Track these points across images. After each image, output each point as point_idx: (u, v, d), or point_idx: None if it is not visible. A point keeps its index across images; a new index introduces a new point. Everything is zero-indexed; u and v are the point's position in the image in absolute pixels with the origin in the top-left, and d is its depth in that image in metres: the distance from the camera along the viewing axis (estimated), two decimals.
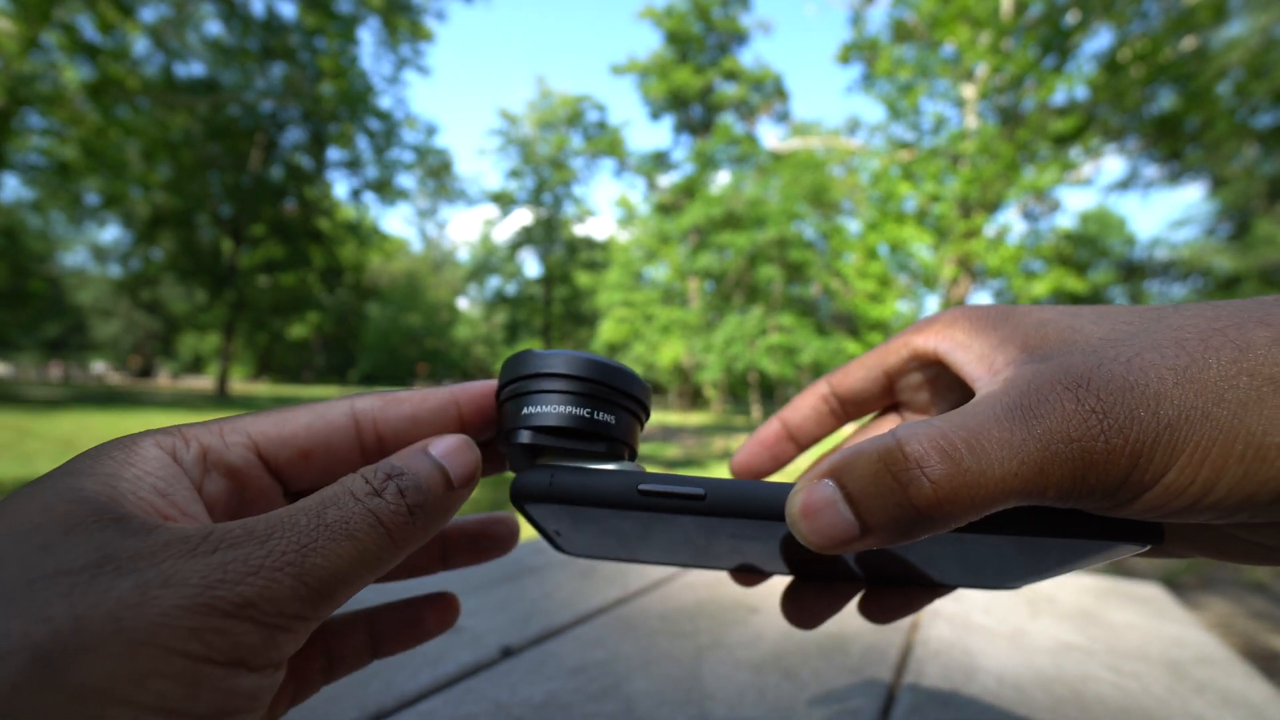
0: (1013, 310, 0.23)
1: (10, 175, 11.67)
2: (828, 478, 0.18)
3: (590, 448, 0.22)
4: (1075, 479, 0.17)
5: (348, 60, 16.66)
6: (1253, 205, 13.50)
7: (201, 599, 0.15)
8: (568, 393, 0.22)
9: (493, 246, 27.74)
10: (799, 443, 0.30)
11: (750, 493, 0.20)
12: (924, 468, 0.17)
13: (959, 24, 10.41)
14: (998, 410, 0.18)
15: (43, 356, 31.14)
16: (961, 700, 0.51)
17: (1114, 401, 0.17)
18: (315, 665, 0.25)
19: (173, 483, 0.19)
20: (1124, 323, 0.20)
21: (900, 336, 0.27)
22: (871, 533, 0.17)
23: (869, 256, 12.90)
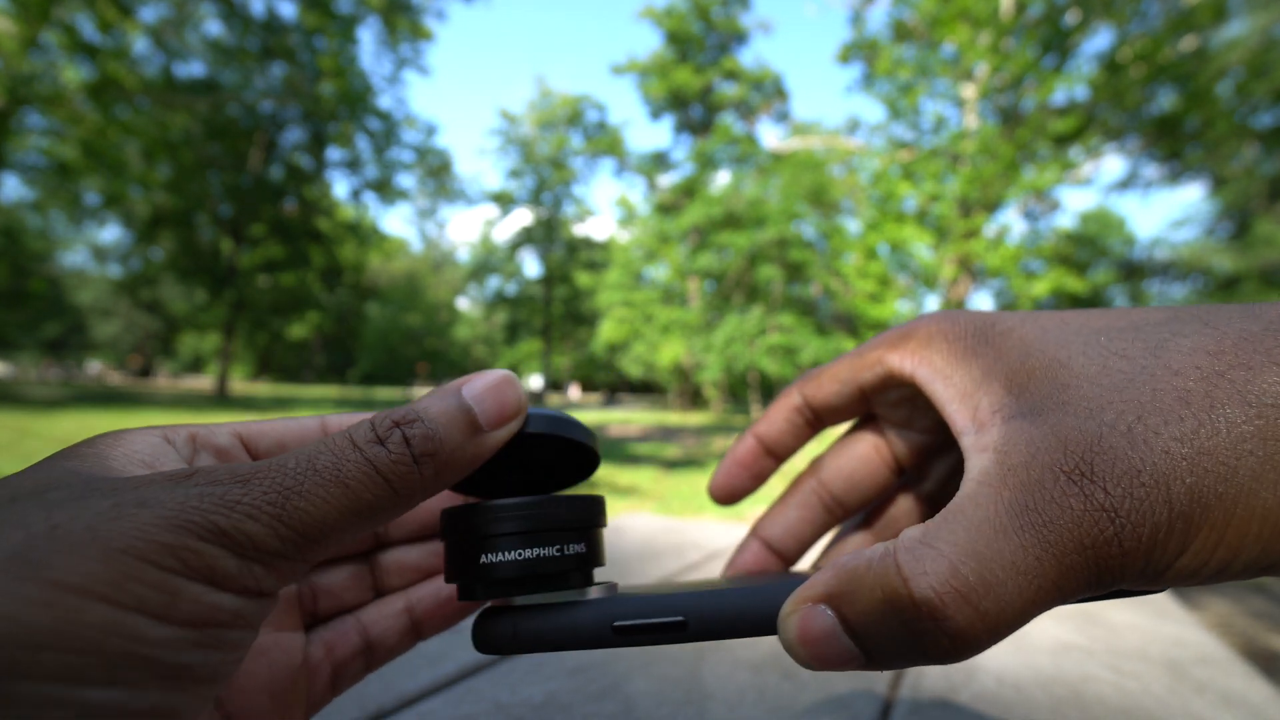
0: (993, 327, 0.22)
1: (10, 175, 11.67)
2: (824, 604, 0.17)
3: (551, 585, 0.21)
4: (1090, 584, 0.16)
5: (348, 60, 16.66)
6: (1253, 205, 13.50)
7: (176, 519, 0.15)
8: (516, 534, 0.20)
9: (493, 246, 27.73)
10: (777, 456, 0.29)
11: (735, 612, 0.19)
12: (939, 620, 0.15)
13: (959, 24, 10.41)
14: (1001, 517, 0.16)
15: (42, 356, 31.14)
16: (961, 701, 0.51)
17: (1122, 494, 0.16)
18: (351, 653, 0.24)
19: (160, 457, 0.19)
20: (1117, 355, 0.18)
21: (874, 349, 0.26)
22: (876, 662, 0.17)
23: (869, 256, 12.90)
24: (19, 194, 13.10)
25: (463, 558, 0.21)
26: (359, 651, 0.25)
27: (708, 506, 4.10)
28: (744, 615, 0.19)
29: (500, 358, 31.87)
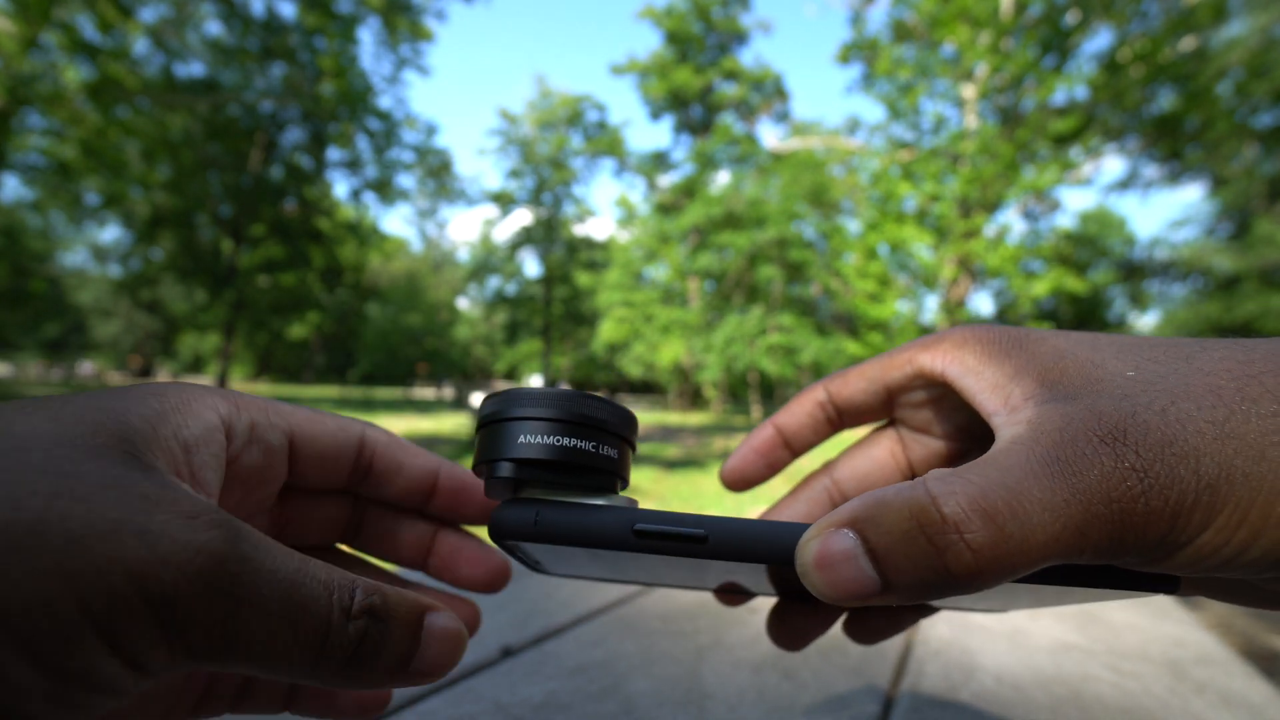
0: (1026, 336, 0.22)
1: (10, 175, 11.67)
2: (848, 528, 0.17)
3: (579, 481, 0.21)
4: (1113, 540, 0.16)
5: (348, 60, 16.64)
6: (1253, 205, 13.50)
7: (150, 569, 0.14)
8: (556, 420, 0.20)
9: (493, 246, 27.72)
10: (794, 449, 0.29)
11: (756, 534, 0.19)
12: (964, 533, 0.16)
13: (959, 24, 10.41)
14: (1033, 463, 0.17)
15: (38, 357, 31.14)
16: (961, 700, 0.51)
17: (1153, 458, 0.16)
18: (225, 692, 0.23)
19: (203, 446, 0.19)
20: (1149, 360, 0.19)
21: (905, 351, 0.26)
22: (894, 590, 0.16)
23: (869, 256, 12.90)
24: (19, 194, 13.10)
25: (499, 437, 0.21)
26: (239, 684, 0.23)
27: (708, 506, 4.10)
28: (765, 539, 0.19)
29: (500, 358, 31.86)
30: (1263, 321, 13.70)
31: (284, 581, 0.16)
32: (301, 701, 0.24)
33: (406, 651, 0.18)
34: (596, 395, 0.21)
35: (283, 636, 0.16)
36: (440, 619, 0.19)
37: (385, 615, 0.18)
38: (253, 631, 0.16)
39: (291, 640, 0.16)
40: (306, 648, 0.16)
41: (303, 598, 0.16)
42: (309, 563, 0.17)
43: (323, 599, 0.17)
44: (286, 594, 0.16)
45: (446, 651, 0.19)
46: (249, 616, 0.15)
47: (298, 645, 0.16)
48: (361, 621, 0.17)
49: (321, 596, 0.17)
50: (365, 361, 35.72)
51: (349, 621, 0.17)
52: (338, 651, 0.17)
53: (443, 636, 0.19)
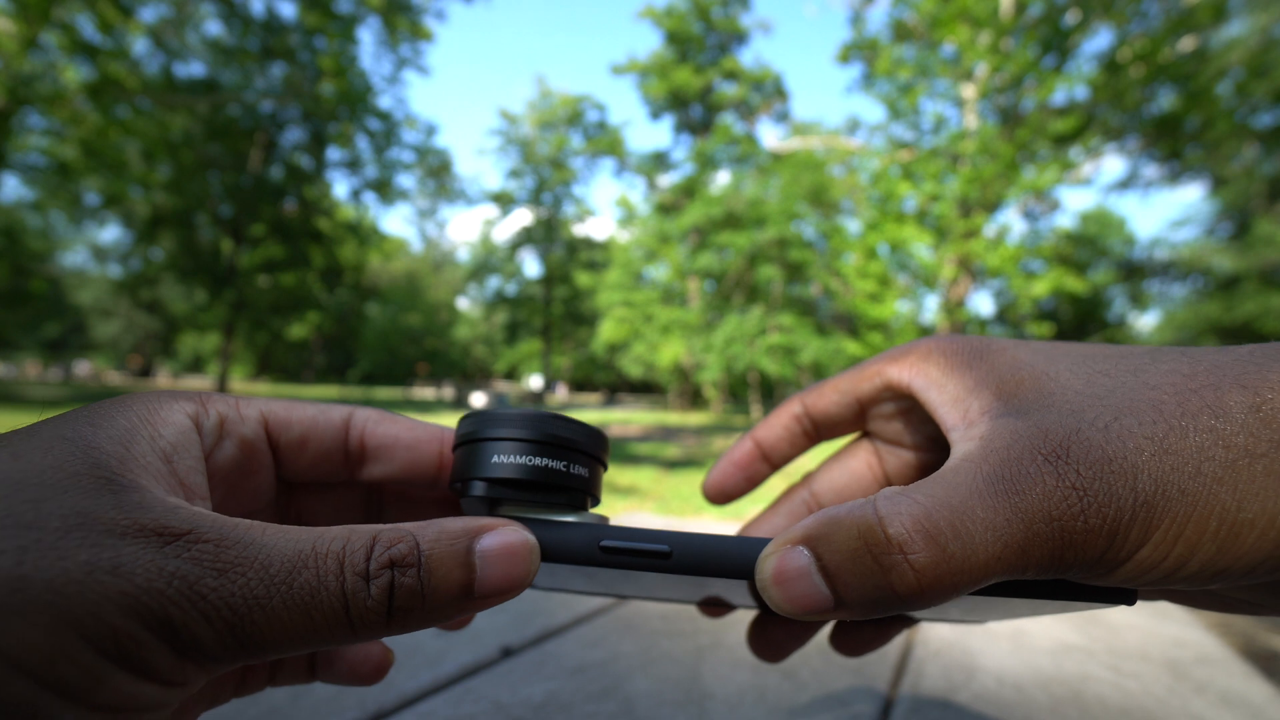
0: (988, 348, 0.23)
1: (10, 175, 11.66)
2: (803, 545, 0.17)
3: (550, 499, 0.22)
4: (1054, 557, 0.17)
5: (348, 60, 16.64)
6: (1253, 205, 13.50)
7: (135, 600, 0.14)
8: (528, 441, 0.21)
9: (493, 246, 27.72)
10: (772, 462, 0.29)
11: (718, 550, 0.19)
12: (907, 553, 0.16)
13: (959, 24, 10.41)
14: (978, 483, 0.17)
15: (39, 356, 31.14)
16: (961, 700, 0.51)
17: (1093, 476, 0.16)
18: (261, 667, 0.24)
19: (182, 451, 0.19)
20: (1100, 373, 0.20)
21: (874, 364, 0.26)
22: (846, 606, 0.17)
23: (869, 256, 12.90)
24: (19, 194, 13.10)
25: (474, 457, 0.21)
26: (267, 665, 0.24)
27: (707, 507, 4.10)
28: (727, 555, 0.19)
29: (500, 358, 31.86)
30: (1263, 321, 13.70)
31: (279, 574, 0.16)
32: (324, 669, 0.24)
33: (460, 582, 0.18)
34: (567, 416, 0.22)
35: (299, 623, 0.16)
36: (494, 538, 0.18)
37: (415, 559, 0.17)
38: (265, 629, 0.16)
39: (310, 624, 0.16)
40: (332, 625, 0.16)
41: (305, 582, 0.16)
42: (307, 539, 0.17)
43: (329, 572, 0.16)
44: (286, 584, 0.16)
45: (509, 568, 0.18)
46: (251, 617, 0.15)
47: (321, 626, 0.16)
48: (385, 576, 0.17)
49: (328, 570, 0.16)
50: (365, 361, 35.70)
51: (369, 582, 0.17)
52: (369, 615, 0.17)
53: (500, 555, 0.18)
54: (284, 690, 0.47)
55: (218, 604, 0.15)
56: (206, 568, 0.15)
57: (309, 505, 0.26)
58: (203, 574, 0.15)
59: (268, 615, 0.16)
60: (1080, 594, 0.19)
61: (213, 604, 0.15)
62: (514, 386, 33.84)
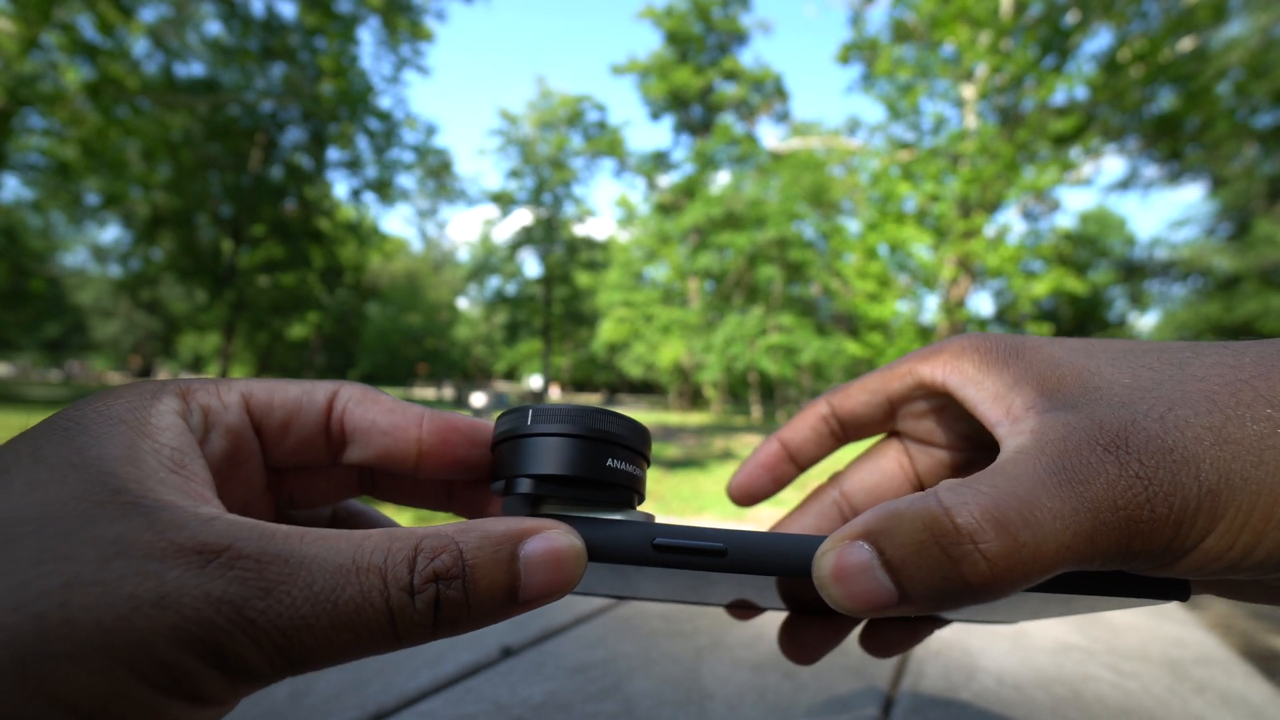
0: (1023, 344, 0.23)
1: (10, 175, 11.67)
2: (863, 540, 0.17)
3: (597, 497, 0.21)
4: (1121, 547, 0.16)
5: (348, 60, 16.64)
6: (1253, 205, 13.50)
7: (184, 631, 0.14)
8: (575, 437, 0.21)
9: (493, 246, 27.70)
10: (799, 463, 0.29)
11: (774, 548, 0.19)
12: (979, 543, 0.16)
13: (959, 24, 10.41)
14: (1040, 473, 0.17)
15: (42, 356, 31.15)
16: (961, 700, 0.51)
17: (1156, 465, 0.16)
18: None
19: (187, 455, 0.19)
20: (1144, 367, 0.19)
21: (905, 362, 0.26)
22: (911, 601, 0.17)
23: (869, 256, 12.90)
24: (19, 194, 13.10)
25: (517, 454, 0.21)
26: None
27: (708, 506, 4.10)
28: (782, 553, 0.19)
29: (500, 358, 31.86)
30: (1263, 321, 13.70)
31: (323, 592, 0.16)
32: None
33: (505, 587, 0.17)
34: (613, 410, 0.21)
35: (345, 640, 0.16)
36: (538, 543, 0.18)
37: (459, 570, 0.17)
38: (313, 648, 0.16)
39: (356, 639, 0.16)
40: (378, 638, 0.16)
41: (350, 598, 0.16)
42: (348, 551, 0.16)
43: (373, 589, 0.16)
44: (331, 602, 0.16)
45: (553, 574, 0.18)
46: (299, 638, 0.15)
47: (366, 640, 0.16)
48: (430, 590, 0.17)
49: (371, 586, 0.16)
50: (365, 361, 35.70)
51: (414, 597, 0.16)
52: (415, 628, 0.17)
53: (546, 560, 0.18)
54: (284, 690, 0.47)
55: (267, 628, 0.15)
56: (252, 588, 0.15)
57: (300, 487, 0.25)
58: (249, 595, 0.15)
59: (315, 635, 0.15)
60: (1138, 588, 0.19)
61: (262, 628, 0.15)
62: (514, 386, 33.83)
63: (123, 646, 0.14)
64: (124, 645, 0.14)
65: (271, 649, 0.15)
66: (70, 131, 11.35)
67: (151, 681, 0.14)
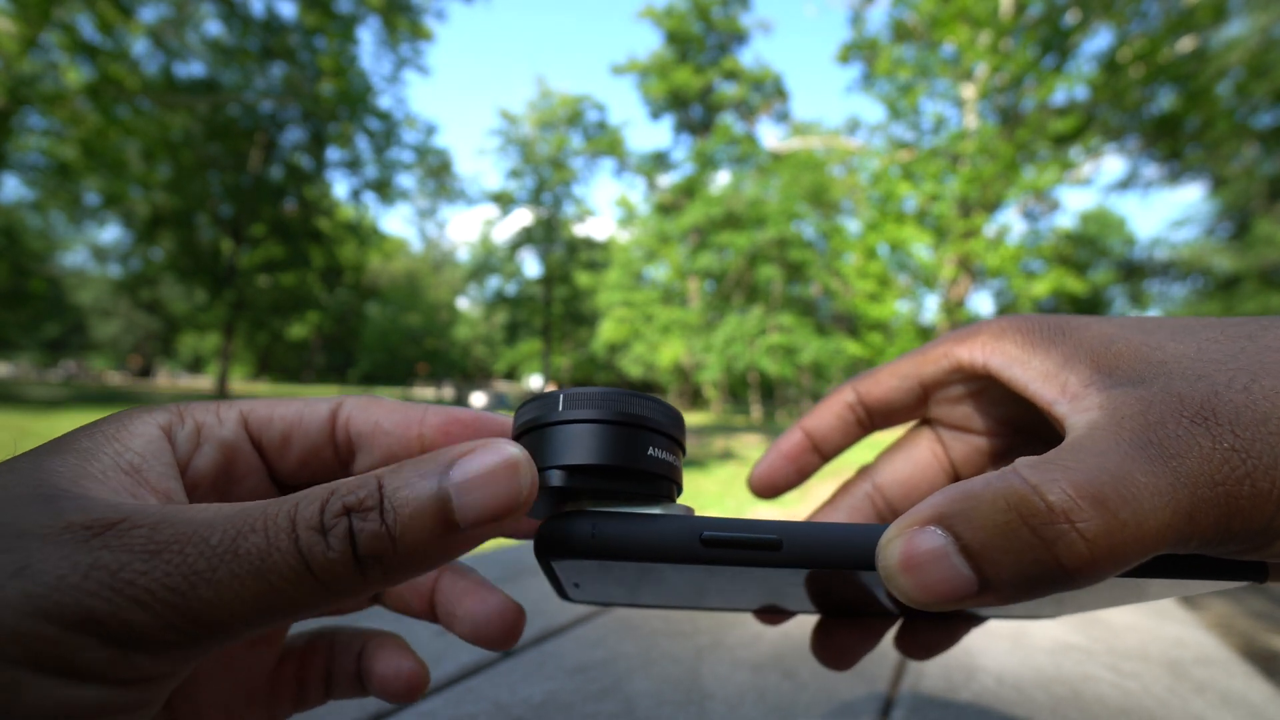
0: (1067, 323, 0.21)
1: (10, 175, 11.67)
2: (935, 525, 0.16)
3: (634, 489, 0.19)
4: (1221, 526, 0.15)
5: (348, 60, 16.65)
6: (1253, 205, 13.50)
7: (43, 601, 0.13)
8: (610, 424, 0.19)
9: (493, 246, 27.72)
10: (823, 453, 0.28)
11: (832, 538, 0.18)
12: (1075, 522, 0.15)
13: (959, 24, 10.42)
14: (1126, 448, 0.16)
15: (42, 356, 31.16)
16: (961, 700, 0.51)
17: (1251, 438, 0.15)
18: (317, 678, 0.23)
19: (151, 459, 0.18)
20: (1210, 340, 0.18)
21: (939, 345, 0.25)
22: (994, 589, 0.15)
23: (869, 256, 12.90)
24: (19, 194, 13.10)
25: (545, 444, 0.19)
26: (322, 677, 0.23)
27: (708, 506, 4.10)
28: (842, 543, 0.18)
29: (500, 358, 31.87)
30: None
31: (221, 544, 0.15)
32: (367, 679, 0.23)
33: (434, 512, 0.16)
34: (647, 394, 0.19)
35: (254, 589, 0.15)
36: (471, 462, 0.16)
37: (375, 503, 0.16)
38: (216, 602, 0.14)
39: (269, 588, 0.15)
40: (297, 585, 0.15)
41: (252, 546, 0.15)
42: (257, 507, 0.16)
43: (280, 531, 0.15)
44: (230, 552, 0.15)
45: (493, 488, 0.16)
46: (195, 593, 0.14)
47: (283, 589, 0.15)
48: (342, 525, 0.15)
49: (278, 530, 0.15)
50: (365, 361, 35.74)
51: (325, 535, 0.15)
52: (336, 568, 0.15)
53: (480, 476, 0.16)
54: None
55: (150, 587, 0.14)
56: (136, 553, 0.14)
57: None
58: (130, 559, 0.14)
59: (215, 587, 0.14)
60: (1218, 570, 0.18)
61: (144, 588, 0.14)
62: (514, 386, 33.85)
63: None
64: None
65: (160, 608, 0.14)
66: (70, 131, 11.36)
67: (7, 656, 0.13)
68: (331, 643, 0.23)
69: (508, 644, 0.22)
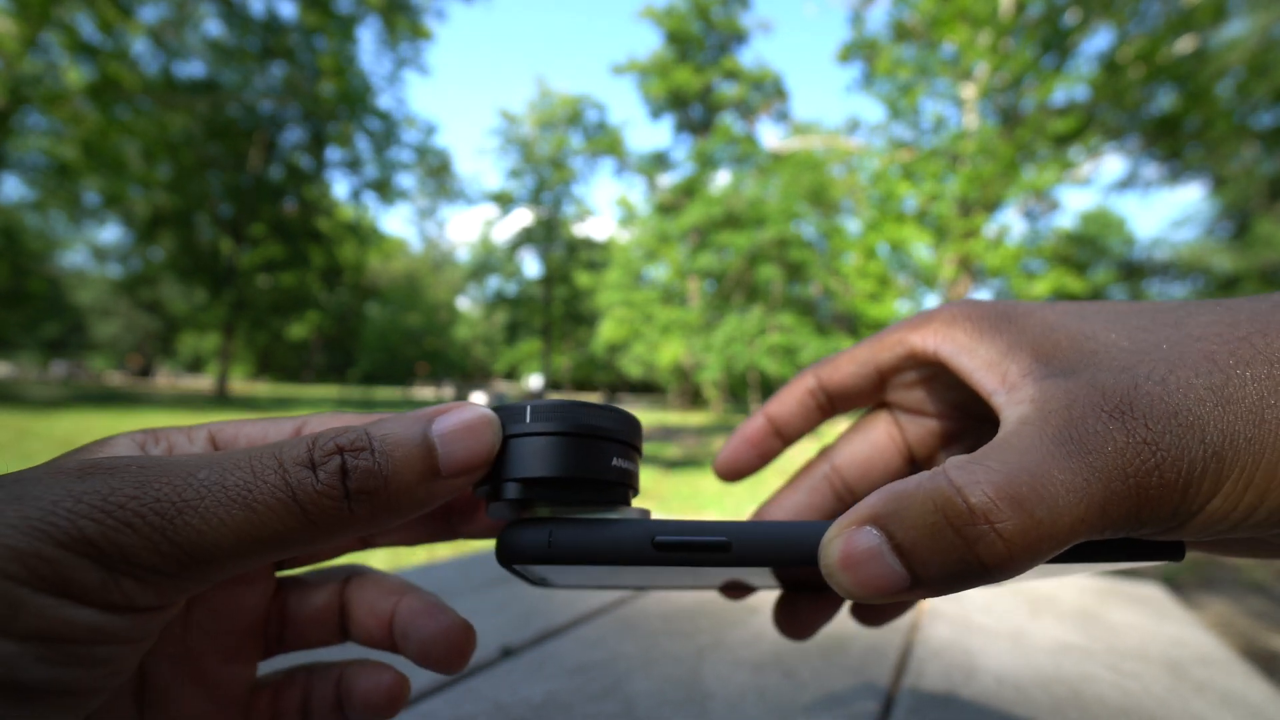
0: (1014, 309, 0.22)
1: (10, 175, 11.67)
2: (870, 525, 0.16)
3: (590, 496, 0.20)
4: (1131, 515, 0.16)
5: (347, 60, 16.65)
6: (1253, 205, 13.50)
7: (38, 522, 0.14)
8: (563, 435, 0.19)
9: (492, 246, 27.73)
10: (785, 437, 0.29)
11: (778, 539, 0.19)
12: (994, 522, 0.15)
13: (958, 24, 10.41)
14: (1047, 444, 0.17)
15: (42, 356, 31.15)
16: (961, 700, 0.51)
17: (1162, 430, 0.16)
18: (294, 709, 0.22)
19: None
20: (1140, 329, 0.19)
21: (894, 332, 0.26)
22: (924, 584, 0.16)
23: (869, 256, 12.91)
24: (19, 194, 13.10)
25: (503, 457, 0.19)
26: (298, 709, 0.22)
27: (708, 506, 4.10)
28: (787, 542, 0.19)
29: (500, 358, 31.87)
30: None
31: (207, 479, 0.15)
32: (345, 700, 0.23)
33: (422, 458, 0.17)
34: (601, 404, 0.20)
35: (241, 518, 0.15)
36: (448, 419, 0.18)
37: (366, 444, 0.17)
38: (204, 529, 0.15)
39: (256, 517, 0.15)
40: (283, 516, 0.16)
41: (239, 479, 0.16)
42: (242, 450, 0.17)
43: (265, 468, 0.16)
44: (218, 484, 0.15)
45: (469, 442, 0.18)
46: (183, 519, 0.15)
47: (269, 519, 0.15)
48: (334, 462, 0.16)
49: (264, 466, 0.16)
50: (365, 361, 35.72)
51: (315, 470, 0.16)
52: (324, 502, 0.16)
53: (459, 431, 0.18)
54: None
55: (140, 510, 0.14)
56: (128, 483, 0.15)
57: None
58: (121, 486, 0.15)
59: (202, 515, 0.15)
60: (1137, 551, 0.19)
61: (133, 510, 0.14)
62: (514, 386, 33.85)
63: None
64: None
65: (149, 532, 0.14)
66: (70, 131, 11.35)
67: (9, 574, 0.13)
68: (309, 673, 0.23)
69: (456, 666, 0.21)
